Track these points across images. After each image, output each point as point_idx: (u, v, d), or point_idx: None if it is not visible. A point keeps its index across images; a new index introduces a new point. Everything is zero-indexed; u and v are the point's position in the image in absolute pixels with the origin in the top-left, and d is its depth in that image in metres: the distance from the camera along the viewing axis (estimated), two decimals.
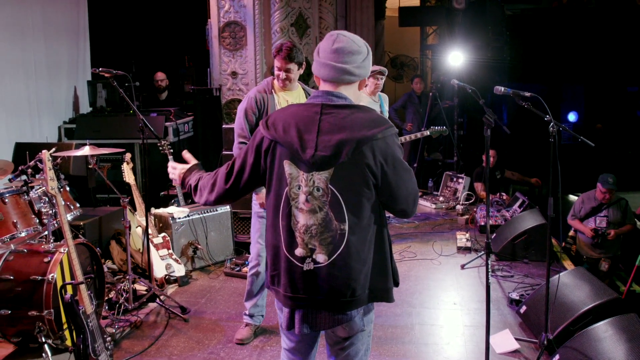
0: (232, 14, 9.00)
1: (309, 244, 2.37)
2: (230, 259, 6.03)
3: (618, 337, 3.60)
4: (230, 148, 6.37)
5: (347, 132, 2.29)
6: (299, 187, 2.36)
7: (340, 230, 2.34)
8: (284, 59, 4.08)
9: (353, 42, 2.38)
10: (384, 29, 12.42)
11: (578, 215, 7.19)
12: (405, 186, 2.38)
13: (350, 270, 2.35)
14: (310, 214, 2.35)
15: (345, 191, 2.32)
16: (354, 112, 2.35)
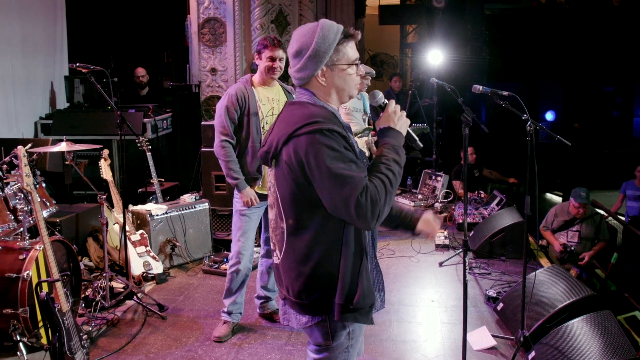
0: (212, 10, 8.96)
1: (272, 238, 2.42)
2: (209, 256, 6.00)
3: (592, 334, 3.65)
4: (209, 145, 6.37)
5: (281, 127, 2.27)
6: (268, 181, 2.42)
7: (281, 229, 2.32)
8: (277, 46, 4.13)
9: (292, 41, 2.32)
10: (364, 27, 12.45)
11: (550, 227, 7.02)
12: (327, 193, 2.13)
13: (292, 270, 2.29)
14: (271, 208, 2.41)
15: (280, 188, 2.29)
16: (295, 108, 2.30)
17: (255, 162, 4.20)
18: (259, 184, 4.25)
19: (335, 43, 2.26)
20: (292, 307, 2.37)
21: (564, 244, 6.72)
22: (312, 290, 2.27)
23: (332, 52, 2.26)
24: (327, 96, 2.34)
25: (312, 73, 2.27)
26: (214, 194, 6.59)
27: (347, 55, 2.31)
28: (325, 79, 2.30)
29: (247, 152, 4.19)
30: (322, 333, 2.35)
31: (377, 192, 2.10)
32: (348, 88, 2.36)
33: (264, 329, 4.59)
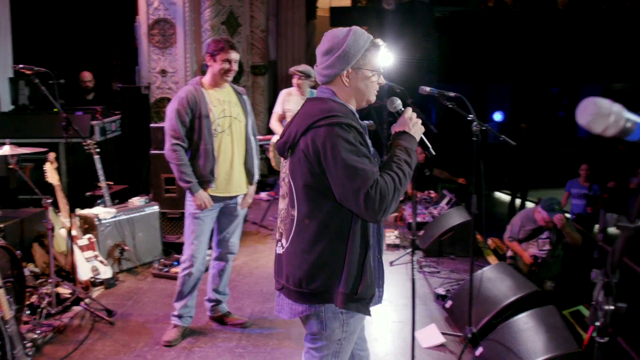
0: (162, 11, 8.85)
1: (280, 228, 2.54)
2: (159, 259, 5.94)
3: (537, 329, 3.74)
4: (159, 147, 6.30)
5: (299, 120, 2.41)
6: (282, 173, 2.56)
7: (291, 216, 2.43)
8: (230, 49, 4.14)
9: (324, 41, 2.46)
10: (315, 29, 12.49)
11: (517, 237, 6.49)
12: (340, 182, 2.26)
13: (297, 258, 2.41)
14: (282, 198, 2.55)
15: (294, 178, 2.41)
16: (315, 103, 2.45)
17: (208, 164, 4.16)
18: (213, 186, 4.22)
19: (364, 49, 2.41)
20: (290, 296, 2.45)
21: (534, 255, 6.31)
22: (314, 278, 2.37)
23: (359, 56, 2.40)
24: (347, 97, 2.47)
25: (339, 72, 2.41)
26: (164, 196, 6.52)
27: (372, 62, 2.45)
28: (349, 80, 2.43)
29: (199, 154, 4.16)
30: (317, 322, 2.44)
31: (386, 187, 2.24)
32: (368, 93, 2.50)
33: (214, 332, 4.56)
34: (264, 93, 10.46)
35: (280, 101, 6.43)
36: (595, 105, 1.40)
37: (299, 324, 4.56)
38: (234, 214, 4.46)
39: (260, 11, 10.07)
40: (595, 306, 1.68)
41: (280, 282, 2.51)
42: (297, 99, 6.34)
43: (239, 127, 4.32)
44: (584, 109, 1.42)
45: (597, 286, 1.67)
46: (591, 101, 1.41)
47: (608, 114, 1.40)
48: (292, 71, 6.37)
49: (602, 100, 1.40)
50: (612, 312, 1.64)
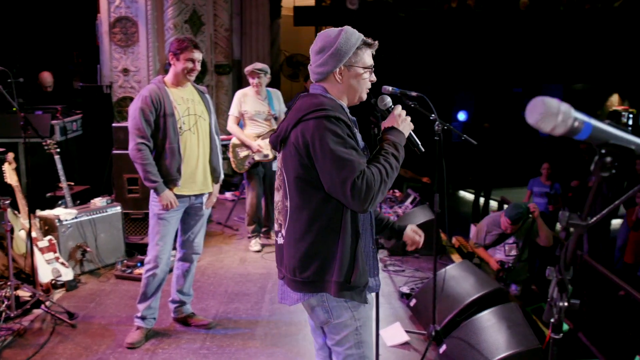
0: (123, 9, 8.76)
1: (278, 219, 2.61)
2: (122, 261, 5.86)
3: (500, 326, 3.79)
4: (121, 147, 6.23)
5: (290, 115, 2.48)
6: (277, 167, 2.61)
7: (285, 207, 2.52)
8: (194, 48, 4.12)
9: (317, 41, 2.53)
10: (279, 28, 12.46)
11: (483, 243, 6.36)
12: (328, 172, 2.32)
13: (291, 247, 2.49)
14: (277, 191, 2.63)
15: (286, 170, 2.49)
16: (307, 99, 2.49)
17: (174, 163, 4.12)
18: (178, 185, 4.18)
19: (355, 47, 2.48)
20: (288, 284, 2.55)
21: (501, 261, 6.14)
22: (305, 267, 2.44)
23: (351, 54, 2.48)
24: (339, 93, 2.54)
25: (331, 69, 2.48)
26: (127, 197, 6.43)
27: (364, 60, 2.52)
28: (342, 77, 2.50)
29: (164, 153, 4.11)
30: (322, 311, 2.52)
31: (373, 178, 2.31)
32: (360, 90, 2.57)
33: (178, 333, 4.52)
34: (228, 92, 10.38)
35: (237, 103, 6.30)
36: (544, 105, 1.42)
37: (263, 324, 4.58)
38: (199, 214, 4.43)
39: (224, 10, 10.00)
40: (550, 303, 1.70)
41: (282, 271, 2.60)
42: (254, 99, 6.24)
43: (204, 126, 4.30)
44: (532, 108, 1.44)
45: (552, 283, 1.69)
46: (540, 100, 1.43)
47: (556, 113, 1.42)
48: (250, 70, 6.24)
49: (551, 100, 1.42)
50: (567, 309, 1.66)
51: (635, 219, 7.81)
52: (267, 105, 6.32)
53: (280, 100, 6.49)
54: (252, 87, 6.27)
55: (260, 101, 6.30)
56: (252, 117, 6.28)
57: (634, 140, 1.56)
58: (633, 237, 7.98)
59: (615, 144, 1.53)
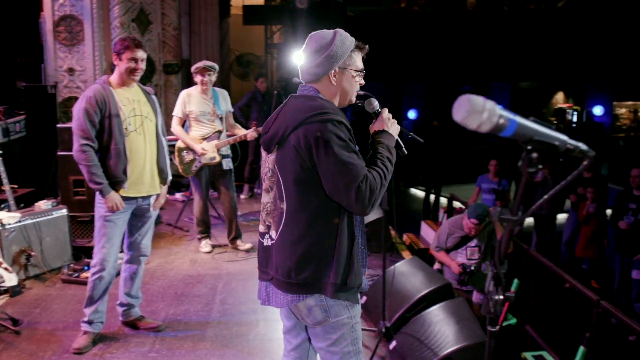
0: (68, 8, 8.58)
1: (266, 221, 2.59)
2: (68, 265, 5.73)
3: (448, 320, 3.85)
4: (66, 148, 6.09)
5: (288, 116, 2.47)
6: (264, 168, 2.61)
7: (280, 209, 2.50)
8: (136, 47, 4.05)
9: (311, 42, 2.52)
10: (229, 27, 12.39)
11: (444, 247, 6.07)
12: (332, 176, 2.34)
13: (286, 249, 2.48)
14: (266, 192, 2.60)
15: (283, 171, 2.47)
16: (304, 100, 2.50)
17: (120, 164, 4.05)
18: (125, 187, 4.11)
19: (350, 50, 2.52)
20: (279, 286, 2.52)
21: (463, 264, 5.91)
22: (303, 269, 2.44)
23: (346, 57, 2.51)
24: (331, 95, 2.55)
25: (327, 71, 2.50)
26: (73, 199, 6.30)
27: (356, 63, 2.57)
28: (336, 79, 2.52)
29: (110, 155, 4.04)
30: (320, 310, 2.50)
31: (375, 181, 2.36)
32: (351, 92, 2.60)
33: (127, 336, 4.45)
34: (177, 92, 10.19)
35: (181, 103, 6.14)
36: (470, 102, 1.45)
37: (214, 326, 4.54)
38: (146, 216, 4.37)
39: (172, 9, 9.88)
40: (487, 296, 1.74)
41: (269, 273, 2.57)
42: (199, 99, 6.10)
43: (150, 127, 4.24)
44: (459, 106, 1.47)
45: (488, 277, 1.73)
46: (465, 98, 1.46)
47: (482, 111, 1.45)
48: (201, 67, 6.05)
49: (476, 98, 1.45)
50: (502, 301, 1.70)
51: (586, 214, 8.02)
52: (213, 105, 6.19)
53: (227, 100, 6.36)
54: (199, 86, 6.10)
55: (206, 101, 6.17)
56: (197, 117, 6.14)
57: (557, 136, 1.61)
58: (584, 231, 8.19)
59: (540, 140, 1.57)
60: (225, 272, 5.89)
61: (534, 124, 1.57)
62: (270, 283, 2.58)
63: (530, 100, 21.98)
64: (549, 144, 1.59)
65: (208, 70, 6.06)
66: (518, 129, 1.53)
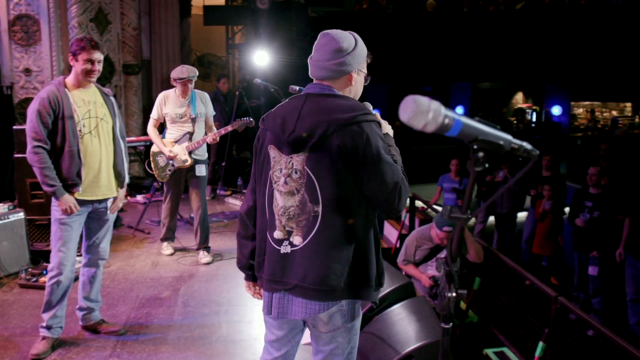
0: (24, 7, 8.41)
1: (286, 226, 2.44)
2: (26, 269, 5.62)
3: (409, 318, 3.88)
4: (23, 150, 5.93)
5: (323, 114, 2.35)
6: (280, 170, 2.44)
7: (313, 213, 2.38)
8: (93, 48, 3.98)
9: (333, 40, 2.45)
10: (190, 27, 12.30)
11: (412, 260, 5.83)
12: (377, 178, 2.32)
13: (322, 255, 2.37)
14: (288, 195, 2.43)
15: (319, 173, 2.37)
16: (335, 99, 2.42)
17: (74, 167, 3.99)
18: (79, 190, 4.05)
19: (366, 54, 2.55)
20: (306, 295, 2.40)
21: (433, 276, 5.65)
22: (338, 274, 2.37)
23: (364, 59, 2.54)
24: (348, 94, 2.53)
25: (350, 70, 2.47)
26: (30, 202, 6.17)
27: (365, 68, 2.58)
28: (354, 80, 2.51)
29: (63, 157, 3.97)
30: (340, 316, 2.46)
31: (406, 181, 2.41)
32: (359, 94, 2.60)
33: (87, 341, 4.37)
34: (138, 93, 10.16)
35: (157, 105, 6.06)
36: (415, 103, 1.47)
37: (176, 328, 4.50)
38: (104, 219, 4.30)
39: (132, 8, 9.77)
40: (441, 294, 1.76)
41: (289, 282, 2.43)
42: (175, 101, 6.01)
43: (107, 129, 4.18)
44: (405, 107, 1.49)
45: (441, 275, 1.75)
46: (411, 99, 1.48)
47: (427, 111, 1.47)
48: (185, 79, 5.92)
49: (421, 98, 1.47)
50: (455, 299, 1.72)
51: (542, 211, 8.16)
52: (188, 107, 6.05)
53: (205, 103, 6.19)
54: (180, 91, 6.01)
55: (182, 103, 6.04)
56: (174, 119, 6.05)
57: (502, 135, 1.64)
58: (540, 229, 8.33)
59: (485, 139, 1.60)
60: (187, 275, 5.84)
61: (479, 124, 1.60)
62: (288, 293, 2.45)
63: (490, 100, 22.30)
64: (494, 143, 1.62)
65: (190, 81, 5.99)
66: (463, 129, 1.55)
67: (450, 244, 1.72)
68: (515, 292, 6.43)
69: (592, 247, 7.11)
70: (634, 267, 6.51)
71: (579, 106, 22.85)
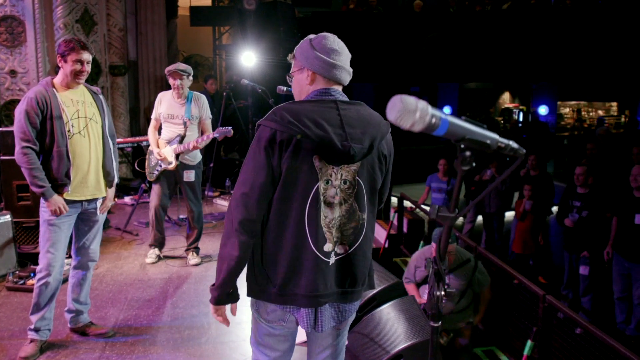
0: (8, 8, 8.37)
1: (334, 237, 2.41)
2: (13, 272, 5.58)
3: (398, 318, 3.89)
4: (9, 152, 5.92)
5: (370, 125, 2.39)
6: (327, 181, 2.34)
7: (361, 220, 2.45)
8: (82, 49, 3.96)
9: (343, 46, 2.50)
10: (176, 28, 12.27)
11: (414, 279, 5.65)
12: (389, 178, 2.57)
13: (366, 259, 2.52)
14: (337, 206, 2.39)
15: (368, 182, 2.44)
16: (362, 107, 2.45)
17: (62, 167, 3.97)
18: (68, 191, 4.03)
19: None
20: (353, 298, 2.53)
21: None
22: (368, 274, 2.57)
23: None
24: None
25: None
26: (17, 205, 6.13)
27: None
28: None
29: (52, 157, 3.95)
30: (354, 309, 2.61)
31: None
32: None
33: (75, 343, 4.35)
34: (124, 94, 10.11)
35: (155, 105, 6.04)
36: (402, 102, 1.48)
37: (165, 330, 4.48)
38: (93, 219, 4.28)
39: (117, 9, 9.73)
40: (429, 292, 1.77)
41: (335, 290, 2.45)
42: (170, 101, 5.95)
43: (96, 128, 4.16)
44: (392, 106, 1.50)
45: (429, 274, 1.76)
46: (398, 98, 1.48)
47: (414, 110, 1.48)
48: (172, 70, 5.83)
49: (409, 98, 1.48)
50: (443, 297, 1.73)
51: (523, 210, 8.20)
52: (183, 108, 5.94)
53: (200, 106, 6.04)
54: (173, 89, 5.94)
55: (176, 104, 5.95)
56: (166, 119, 5.97)
57: (488, 135, 1.65)
58: (520, 228, 8.37)
59: (472, 138, 1.61)
60: (176, 276, 5.81)
61: (466, 123, 1.61)
62: (334, 302, 2.47)
63: (477, 100, 22.39)
64: (481, 142, 1.63)
65: (179, 74, 5.83)
66: (450, 128, 1.56)
67: (439, 242, 1.72)
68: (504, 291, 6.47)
69: (582, 247, 7.15)
70: (621, 266, 6.56)
71: (565, 106, 22.99)
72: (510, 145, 1.71)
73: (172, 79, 5.86)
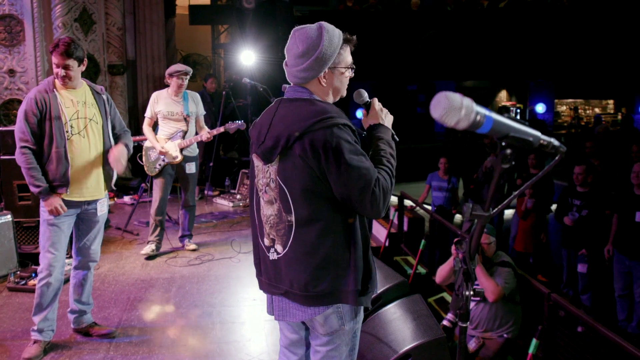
0: (7, 7, 8.33)
1: (270, 234, 2.46)
2: (14, 272, 5.55)
3: (405, 317, 3.88)
4: (9, 152, 5.90)
5: (287, 123, 2.32)
6: (261, 178, 2.45)
7: (288, 222, 2.38)
8: (62, 54, 3.91)
9: (297, 42, 2.37)
10: (175, 27, 12.23)
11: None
12: (344, 183, 2.24)
13: (300, 263, 2.37)
14: (269, 204, 2.44)
15: (289, 182, 2.34)
16: (303, 104, 2.37)
17: (61, 168, 3.94)
18: (66, 191, 4.00)
19: (339, 47, 2.40)
20: (297, 300, 2.42)
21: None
22: (320, 280, 2.35)
23: (335, 56, 2.39)
24: (325, 96, 2.45)
25: (316, 74, 2.38)
26: (18, 205, 6.10)
27: (345, 59, 2.46)
28: (326, 80, 2.42)
29: (51, 158, 3.94)
30: (337, 319, 2.44)
31: (386, 182, 2.30)
32: (342, 89, 2.51)
33: (79, 344, 4.33)
34: (124, 93, 10.09)
35: (151, 104, 6.17)
36: (447, 99, 1.46)
37: (169, 330, 4.46)
38: (94, 220, 4.25)
39: (116, 8, 9.70)
40: (457, 292, 1.75)
41: (282, 287, 2.46)
42: (168, 99, 6.11)
43: (96, 129, 4.13)
44: (437, 103, 1.48)
45: (458, 273, 1.74)
46: (443, 95, 1.47)
47: (459, 108, 1.46)
48: (182, 71, 6.06)
49: (454, 95, 1.46)
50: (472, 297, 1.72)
51: (525, 209, 8.19)
52: (181, 105, 6.18)
53: (197, 103, 6.36)
54: (173, 89, 6.12)
55: (174, 101, 6.17)
56: (165, 116, 6.16)
57: (531, 132, 1.64)
58: (522, 226, 8.37)
59: (515, 136, 1.59)
60: (178, 276, 5.80)
61: (509, 120, 1.59)
62: (284, 297, 2.47)
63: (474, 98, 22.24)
64: (524, 139, 1.61)
65: (186, 74, 6.11)
66: (494, 126, 1.54)
67: (470, 241, 1.71)
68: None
69: (581, 244, 7.15)
70: (622, 264, 6.56)
71: (562, 104, 22.98)
72: (552, 142, 1.70)
73: (177, 79, 6.08)
